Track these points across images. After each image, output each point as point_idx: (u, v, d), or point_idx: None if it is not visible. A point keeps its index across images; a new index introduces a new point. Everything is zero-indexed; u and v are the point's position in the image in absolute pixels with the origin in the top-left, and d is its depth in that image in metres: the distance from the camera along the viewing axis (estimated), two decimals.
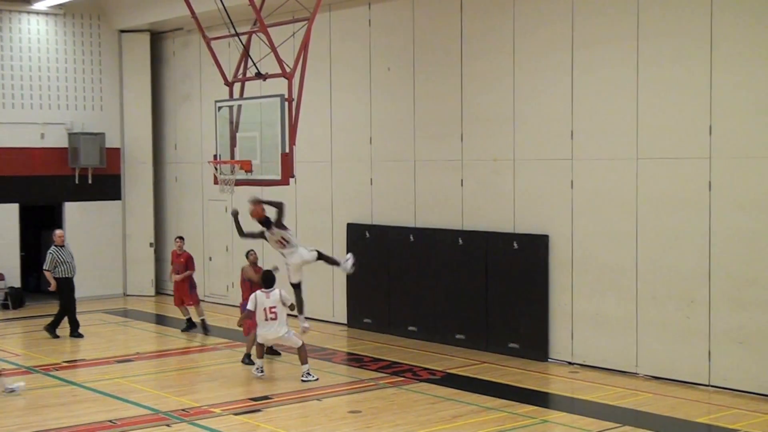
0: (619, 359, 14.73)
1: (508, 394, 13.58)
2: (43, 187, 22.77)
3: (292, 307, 14.71)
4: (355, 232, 18.77)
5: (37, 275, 23.89)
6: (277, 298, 14.50)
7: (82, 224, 23.23)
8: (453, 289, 16.92)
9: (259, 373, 14.52)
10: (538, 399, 13.47)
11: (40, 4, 22.28)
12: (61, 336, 18.37)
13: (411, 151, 17.78)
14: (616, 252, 14.71)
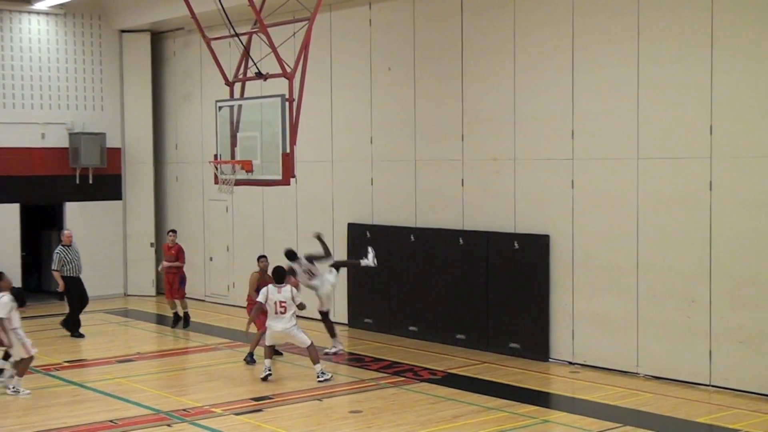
0: (620, 359, 14.73)
1: (508, 394, 13.58)
2: (44, 187, 22.78)
3: (301, 306, 14.72)
4: (356, 231, 18.77)
5: (38, 275, 23.96)
6: (288, 296, 14.53)
7: (83, 224, 23.21)
8: (454, 289, 16.92)
9: (266, 372, 14.48)
10: (539, 399, 13.48)
11: (41, 4, 22.28)
12: (64, 336, 18.42)
13: (412, 151, 17.79)
14: (616, 252, 14.71)
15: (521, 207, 16.02)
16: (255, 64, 15.58)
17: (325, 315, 16.40)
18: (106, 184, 23.54)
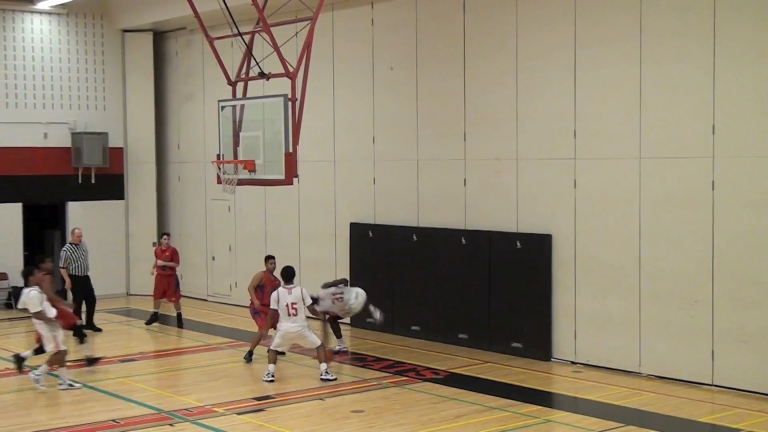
0: (623, 359, 14.72)
1: (511, 393, 13.58)
2: (47, 187, 22.79)
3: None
4: (359, 231, 18.77)
5: None
6: (298, 296, 14.56)
7: (85, 224, 23.11)
8: (456, 289, 16.91)
9: (268, 378, 14.45)
10: (542, 398, 13.47)
11: (43, 4, 22.30)
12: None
13: (414, 151, 17.78)
14: (619, 251, 14.70)
15: (523, 206, 16.02)
16: (257, 63, 15.58)
17: (337, 317, 16.34)
18: (109, 184, 23.55)
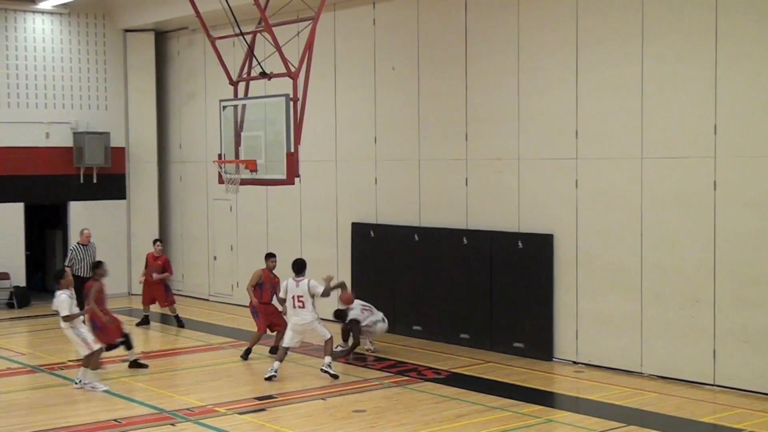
0: (624, 359, 14.72)
1: (512, 393, 13.57)
2: (48, 187, 22.80)
3: (326, 292, 14.83)
4: (360, 231, 18.77)
5: (42, 274, 23.98)
6: (305, 289, 14.59)
7: (87, 224, 23.06)
8: (458, 289, 16.91)
9: (270, 374, 14.43)
10: (543, 398, 13.47)
11: (45, 4, 22.31)
12: None
13: (416, 151, 17.78)
14: (620, 251, 14.70)
15: (525, 206, 16.02)
16: (259, 63, 15.58)
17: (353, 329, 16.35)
18: (111, 184, 23.56)
